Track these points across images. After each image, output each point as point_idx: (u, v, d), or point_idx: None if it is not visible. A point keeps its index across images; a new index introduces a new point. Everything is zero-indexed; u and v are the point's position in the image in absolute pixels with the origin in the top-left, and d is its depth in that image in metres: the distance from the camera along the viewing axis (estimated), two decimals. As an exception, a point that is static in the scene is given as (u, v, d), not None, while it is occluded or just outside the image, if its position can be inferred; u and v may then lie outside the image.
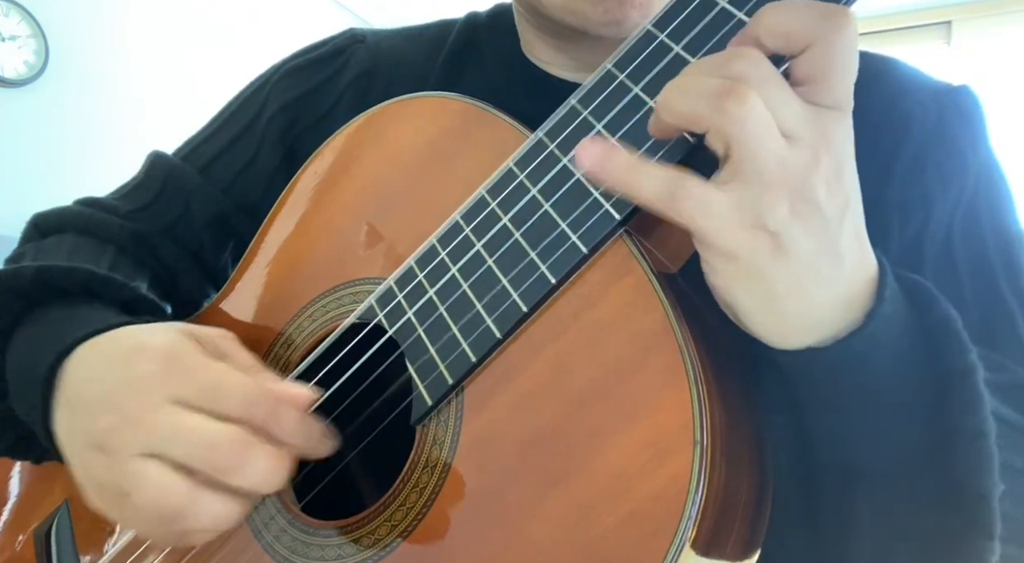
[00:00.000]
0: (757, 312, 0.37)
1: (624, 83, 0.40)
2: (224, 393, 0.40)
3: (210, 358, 0.42)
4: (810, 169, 0.33)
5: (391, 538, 0.41)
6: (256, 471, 0.39)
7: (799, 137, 0.33)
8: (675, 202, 0.34)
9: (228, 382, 0.40)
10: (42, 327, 0.49)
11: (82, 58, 2.51)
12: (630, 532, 0.34)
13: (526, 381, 0.40)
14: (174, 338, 0.43)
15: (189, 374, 0.41)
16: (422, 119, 0.51)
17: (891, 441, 0.39)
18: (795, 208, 0.33)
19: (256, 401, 0.40)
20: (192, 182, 0.64)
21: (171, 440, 0.39)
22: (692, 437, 0.34)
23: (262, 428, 0.40)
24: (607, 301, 0.39)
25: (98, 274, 0.52)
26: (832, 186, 0.34)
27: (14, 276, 0.50)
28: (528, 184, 0.42)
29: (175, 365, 0.41)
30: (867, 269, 0.37)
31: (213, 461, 0.38)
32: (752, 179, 0.33)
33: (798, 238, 0.34)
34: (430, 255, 0.45)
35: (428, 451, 0.42)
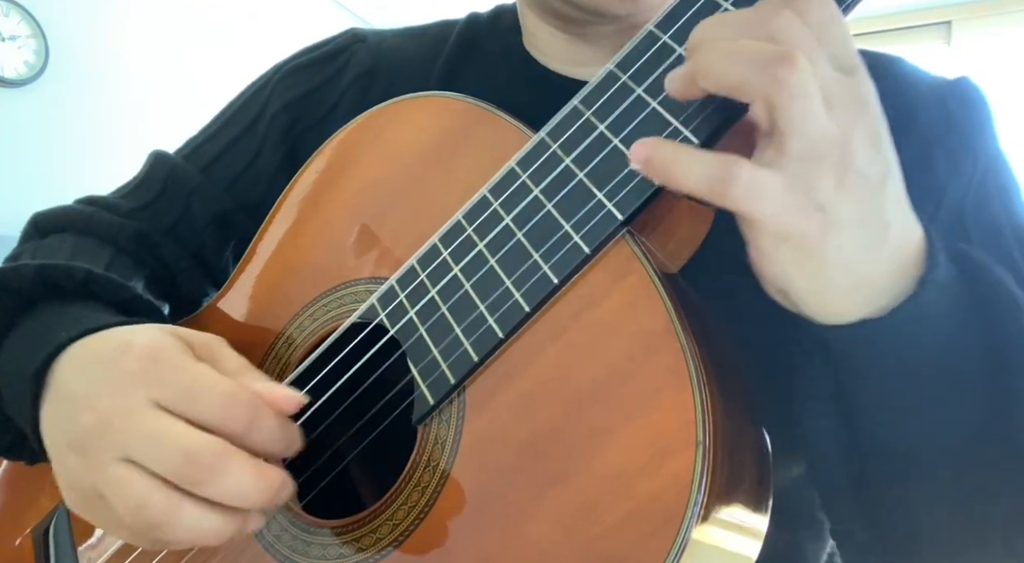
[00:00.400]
0: (811, 291, 0.36)
1: (627, 84, 0.40)
2: (203, 396, 0.39)
3: (193, 360, 0.41)
4: (850, 136, 0.32)
5: (392, 537, 0.41)
6: (234, 482, 0.37)
7: (837, 103, 0.32)
8: (726, 187, 0.33)
9: (207, 385, 0.39)
10: (36, 326, 0.49)
11: (82, 58, 2.51)
12: (631, 532, 0.34)
13: (528, 381, 0.40)
14: (160, 338, 0.42)
15: (169, 375, 0.40)
16: (423, 119, 0.51)
17: (948, 413, 0.38)
18: (841, 179, 0.32)
19: (234, 405, 0.39)
20: (194, 181, 0.64)
21: (148, 447, 0.38)
22: (694, 437, 0.34)
23: (241, 434, 0.39)
24: (609, 301, 0.39)
25: (96, 274, 0.52)
26: (872, 151, 0.33)
27: (14, 274, 0.50)
28: (530, 184, 0.42)
29: (156, 365, 0.40)
30: (914, 235, 0.36)
31: (188, 472, 0.37)
32: (802, 155, 0.32)
33: (845, 210, 0.33)
34: (432, 255, 0.45)
35: (430, 450, 0.42)
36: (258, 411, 0.39)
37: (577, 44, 0.57)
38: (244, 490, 0.37)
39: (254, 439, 0.39)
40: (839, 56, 0.33)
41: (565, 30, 0.57)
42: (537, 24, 0.59)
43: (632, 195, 0.39)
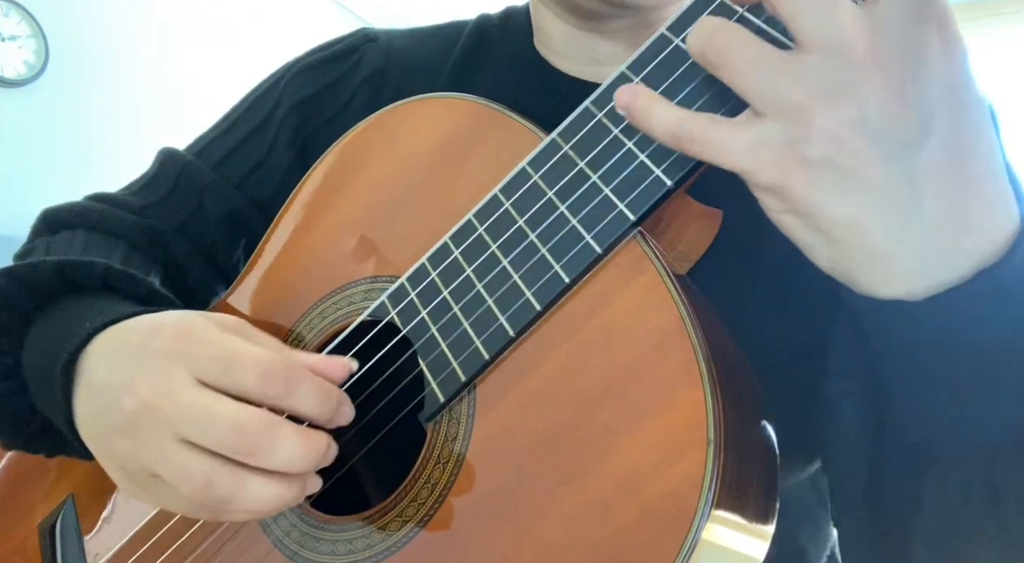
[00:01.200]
0: (813, 246, 0.34)
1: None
2: (237, 365, 0.39)
3: (223, 332, 0.42)
4: (856, 86, 0.30)
5: (402, 533, 0.42)
6: (286, 450, 0.38)
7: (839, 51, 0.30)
8: (687, 135, 0.34)
9: (240, 353, 0.40)
10: (60, 320, 0.49)
11: (82, 58, 2.51)
12: (643, 530, 0.35)
13: (539, 379, 0.40)
14: (188, 317, 0.43)
15: (200, 350, 0.40)
16: (434, 119, 0.51)
17: (979, 421, 0.36)
18: (837, 135, 0.30)
19: (270, 371, 0.39)
20: (206, 178, 0.64)
21: (196, 425, 0.38)
22: (706, 436, 0.34)
23: (281, 398, 0.40)
24: (621, 300, 0.39)
25: (115, 269, 0.52)
26: (893, 109, 0.30)
27: (33, 271, 0.50)
28: (542, 184, 0.43)
29: (187, 341, 0.41)
30: (982, 222, 0.32)
31: (240, 445, 0.38)
32: (772, 110, 0.32)
33: (839, 160, 0.31)
34: (443, 253, 0.45)
35: (440, 447, 0.42)
36: (293, 374, 0.40)
37: (592, 40, 0.57)
38: (295, 455, 0.38)
39: (294, 403, 0.40)
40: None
41: (581, 26, 0.57)
42: (552, 21, 0.59)
43: (643, 196, 0.39)
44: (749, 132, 0.33)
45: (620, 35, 0.56)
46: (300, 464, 0.39)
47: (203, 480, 0.38)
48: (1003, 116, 0.52)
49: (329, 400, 0.41)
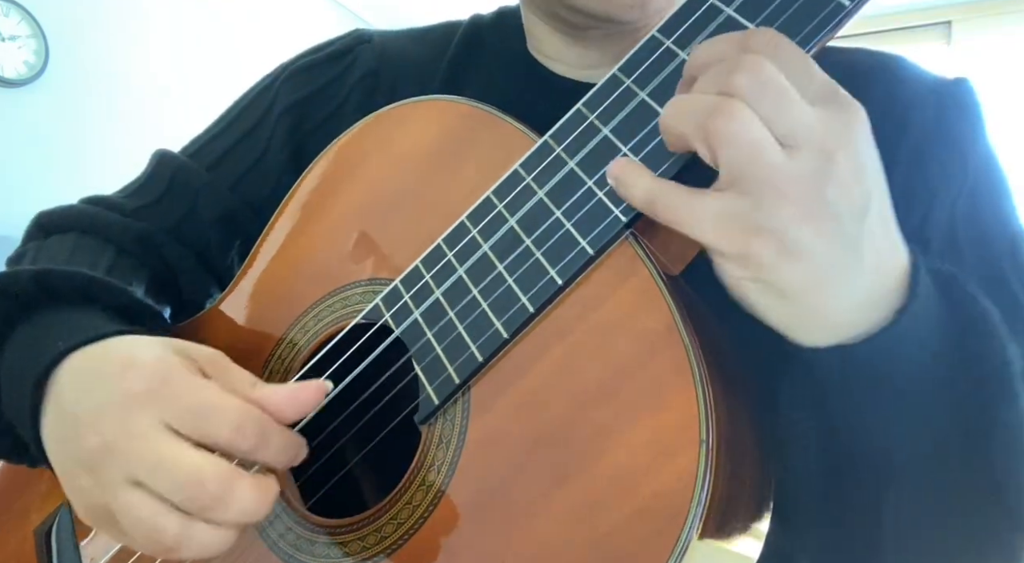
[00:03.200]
0: (774, 312, 0.37)
1: (630, 88, 0.41)
2: (212, 416, 0.39)
3: (201, 378, 0.41)
4: (819, 173, 0.33)
5: (397, 536, 0.42)
6: (240, 505, 0.38)
7: (803, 143, 0.33)
8: (661, 209, 0.37)
9: (217, 405, 0.40)
10: (35, 334, 0.48)
11: (82, 58, 2.51)
12: (636, 529, 0.35)
13: (533, 381, 0.40)
14: (164, 356, 0.42)
15: (177, 396, 0.40)
16: (428, 122, 0.51)
17: (924, 438, 0.39)
18: (804, 211, 0.33)
19: (244, 424, 0.39)
20: (199, 180, 0.64)
21: (154, 472, 0.38)
22: (698, 436, 0.35)
23: (251, 452, 0.40)
24: (613, 302, 0.39)
25: (96, 278, 0.51)
26: (849, 186, 0.33)
27: (12, 279, 0.50)
28: (534, 186, 0.43)
29: (163, 386, 0.40)
30: (896, 265, 0.37)
31: (197, 497, 0.37)
32: (747, 189, 0.34)
33: (808, 241, 0.33)
34: (437, 256, 0.45)
35: (434, 450, 0.42)
36: (267, 429, 0.40)
37: (579, 47, 0.58)
38: (249, 510, 0.38)
39: (263, 456, 0.40)
40: (809, 90, 0.34)
41: (568, 34, 0.57)
42: (540, 28, 0.59)
43: None
44: (716, 203, 0.35)
45: (604, 44, 0.56)
46: (252, 516, 0.39)
47: (149, 525, 0.38)
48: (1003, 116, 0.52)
49: (295, 450, 0.42)
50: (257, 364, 0.52)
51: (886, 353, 0.36)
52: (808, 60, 0.35)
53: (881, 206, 0.36)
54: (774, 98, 0.33)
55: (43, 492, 0.57)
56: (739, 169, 0.33)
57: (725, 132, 0.33)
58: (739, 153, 0.33)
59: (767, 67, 0.34)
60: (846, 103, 0.34)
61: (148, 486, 0.38)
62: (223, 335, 0.55)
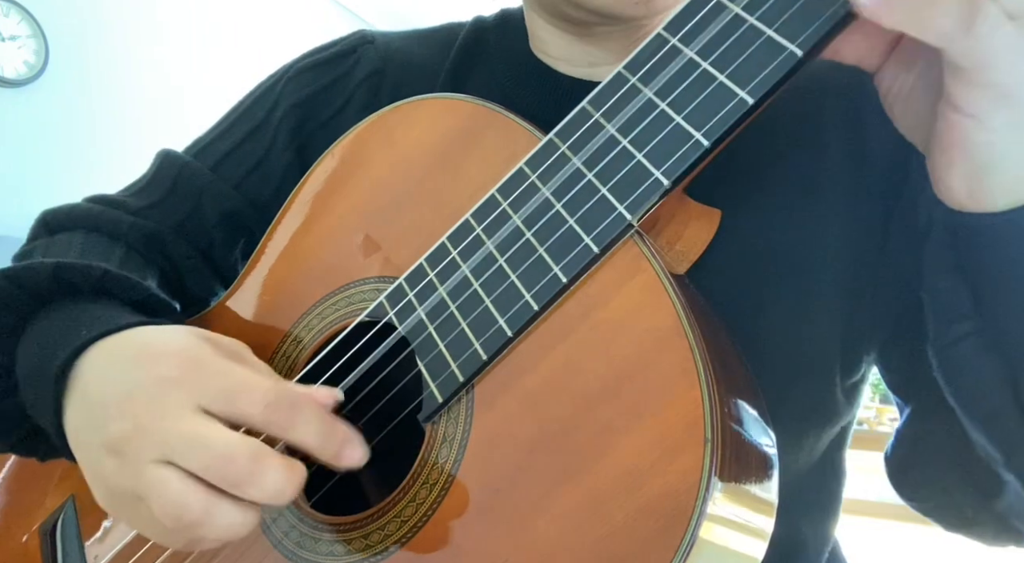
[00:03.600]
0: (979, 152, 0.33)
1: (636, 86, 0.41)
2: (245, 395, 0.39)
3: (232, 362, 0.42)
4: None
5: (400, 534, 0.42)
6: (270, 484, 0.38)
7: None
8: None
9: (248, 384, 0.40)
10: (55, 324, 0.49)
11: (82, 58, 2.51)
12: (641, 529, 0.35)
13: (537, 379, 0.40)
14: (191, 341, 0.43)
15: (210, 377, 0.40)
16: (432, 120, 0.51)
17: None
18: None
19: (277, 402, 0.39)
20: (204, 179, 0.64)
21: (186, 449, 0.38)
22: (703, 435, 0.34)
23: (283, 432, 0.40)
24: (618, 300, 0.39)
25: (112, 272, 0.52)
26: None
27: (30, 272, 0.50)
28: (539, 184, 0.43)
29: (194, 369, 0.41)
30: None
31: (227, 473, 0.37)
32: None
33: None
34: (441, 254, 0.45)
35: (438, 448, 0.42)
36: (297, 405, 0.40)
37: (583, 45, 0.58)
38: (278, 489, 0.38)
39: (297, 435, 0.40)
40: None
41: (572, 31, 0.57)
42: (543, 26, 0.59)
43: (641, 196, 0.39)
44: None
45: (609, 41, 0.56)
46: (282, 497, 0.38)
47: (176, 499, 0.38)
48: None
49: (333, 433, 0.41)
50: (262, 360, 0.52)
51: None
52: None
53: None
54: None
55: (47, 489, 0.57)
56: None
57: None
58: None
59: None
60: None
61: (178, 463, 0.38)
62: (227, 333, 0.55)
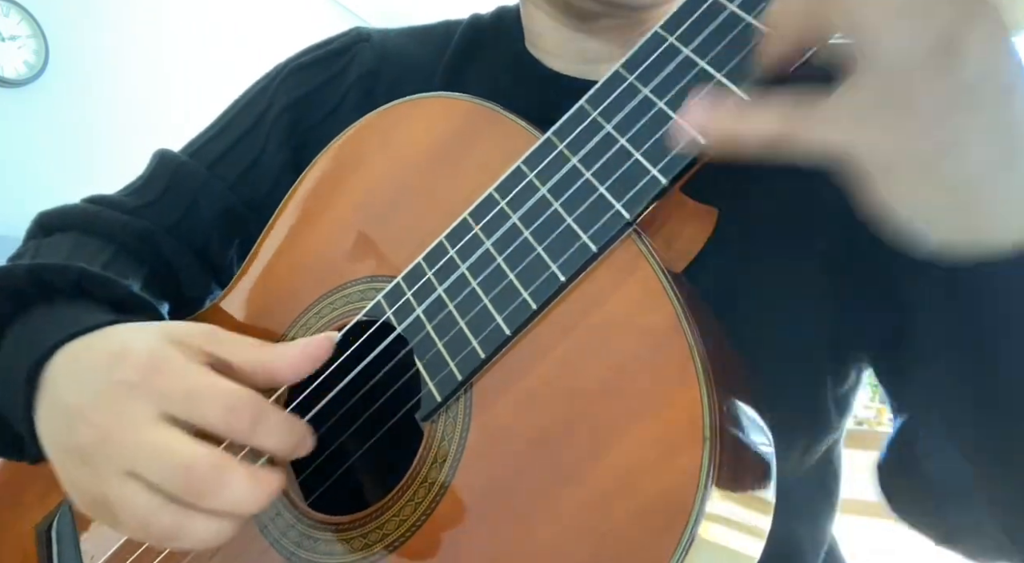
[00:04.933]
0: (934, 219, 0.32)
1: (633, 85, 0.41)
2: (205, 400, 0.39)
3: (194, 364, 0.41)
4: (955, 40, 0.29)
5: (398, 534, 0.42)
6: (233, 494, 0.37)
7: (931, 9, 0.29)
8: (800, 127, 0.32)
9: (208, 388, 0.39)
10: (29, 328, 0.48)
11: (82, 58, 2.51)
12: (641, 527, 0.35)
13: (535, 378, 0.40)
14: (157, 344, 0.42)
15: (170, 382, 0.40)
16: (429, 119, 0.51)
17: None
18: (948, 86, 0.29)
19: (237, 406, 0.39)
20: (199, 178, 0.64)
21: (148, 461, 0.38)
22: (701, 434, 0.34)
23: (247, 434, 0.39)
24: (616, 299, 0.39)
25: (89, 272, 0.51)
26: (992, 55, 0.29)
27: (7, 274, 0.50)
28: (537, 183, 0.43)
29: (156, 374, 0.40)
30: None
31: (188, 485, 0.37)
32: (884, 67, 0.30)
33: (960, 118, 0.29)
34: (438, 253, 0.45)
35: (436, 447, 0.42)
36: (261, 409, 0.40)
37: (583, 40, 0.57)
38: (242, 499, 0.38)
39: (261, 439, 0.40)
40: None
41: (572, 25, 0.57)
42: (543, 20, 0.59)
43: (638, 195, 0.40)
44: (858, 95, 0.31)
45: (611, 34, 0.56)
46: (248, 507, 0.38)
47: (143, 515, 0.38)
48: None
49: (293, 435, 0.41)
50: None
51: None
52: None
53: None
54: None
55: (44, 488, 0.57)
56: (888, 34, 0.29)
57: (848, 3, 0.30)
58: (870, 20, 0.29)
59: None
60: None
61: (142, 476, 0.38)
62: (224, 332, 0.55)
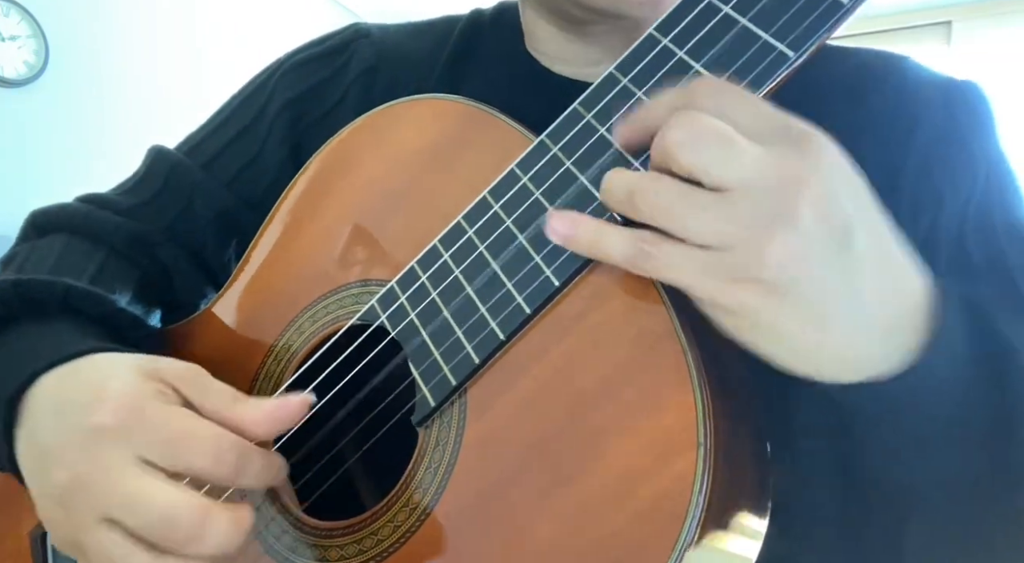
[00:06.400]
0: (779, 354, 0.35)
1: (627, 87, 0.40)
2: (188, 446, 0.38)
3: (175, 406, 0.40)
4: (782, 209, 0.32)
5: (394, 539, 0.41)
6: (214, 541, 0.37)
7: (758, 183, 0.32)
8: (643, 262, 0.35)
9: (192, 433, 0.39)
10: (12, 349, 0.48)
11: (82, 58, 2.51)
12: (635, 532, 0.35)
13: (530, 382, 0.40)
14: (136, 385, 0.41)
15: (150, 428, 0.39)
16: (425, 121, 0.50)
17: (949, 469, 0.38)
18: (777, 250, 0.32)
19: (222, 452, 0.38)
20: (195, 178, 0.63)
21: (127, 509, 0.37)
22: (696, 438, 0.34)
23: (231, 479, 0.39)
24: (611, 303, 0.39)
25: (76, 288, 0.51)
26: (821, 216, 0.32)
27: None
28: (531, 187, 0.42)
29: (134, 418, 0.39)
30: (908, 288, 0.35)
31: (171, 535, 0.37)
32: (714, 243, 0.33)
33: (789, 279, 0.32)
34: (433, 257, 0.45)
35: (431, 452, 0.42)
36: (246, 453, 0.39)
37: (581, 43, 0.57)
38: (224, 542, 0.37)
39: (243, 481, 0.39)
40: (754, 129, 0.33)
41: (566, 29, 0.57)
42: (538, 23, 0.59)
43: None
44: (694, 256, 0.33)
45: (606, 39, 0.55)
46: (228, 549, 0.38)
47: (117, 562, 0.37)
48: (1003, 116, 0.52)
49: (273, 471, 0.41)
50: (252, 366, 0.52)
51: (915, 387, 0.35)
52: (753, 100, 0.34)
53: (872, 230, 0.34)
54: (715, 147, 0.33)
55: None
56: (692, 231, 0.33)
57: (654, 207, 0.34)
58: (685, 225, 0.33)
59: (702, 119, 0.33)
60: (802, 134, 0.33)
61: (121, 523, 0.37)
62: (218, 336, 0.55)
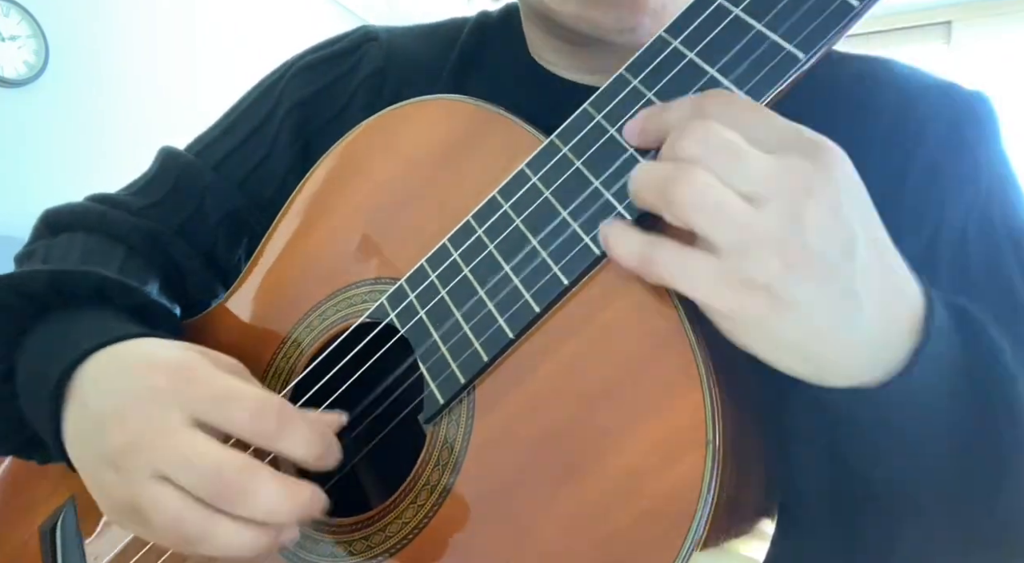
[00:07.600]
0: (780, 361, 0.36)
1: (637, 88, 0.40)
2: (233, 405, 0.39)
3: (222, 372, 0.42)
4: (792, 220, 0.32)
5: (401, 536, 0.42)
6: (262, 500, 0.37)
7: (768, 194, 0.33)
8: (652, 266, 0.36)
9: (237, 391, 0.40)
10: (54, 334, 0.49)
11: (82, 58, 2.50)
12: (643, 530, 0.35)
13: (538, 381, 0.40)
14: (187, 354, 0.43)
15: (200, 390, 0.40)
16: (434, 121, 0.51)
17: (941, 475, 0.38)
18: (785, 261, 0.32)
19: (264, 411, 0.39)
20: (206, 178, 0.64)
21: (179, 466, 0.38)
22: (704, 437, 0.34)
23: (273, 439, 0.39)
24: (619, 302, 0.39)
25: (110, 279, 0.52)
26: (828, 228, 0.33)
27: (28, 280, 0.50)
28: (541, 186, 0.42)
29: (187, 382, 0.41)
30: (906, 300, 0.36)
31: (218, 489, 0.37)
32: (724, 248, 0.33)
33: (797, 288, 0.33)
34: (442, 255, 0.45)
35: (439, 450, 0.42)
36: (288, 414, 0.40)
37: (578, 56, 0.57)
38: (273, 507, 0.38)
39: (286, 445, 0.39)
40: (767, 141, 0.34)
41: (568, 42, 0.57)
42: (539, 35, 0.59)
43: None
44: (703, 264, 0.34)
45: (603, 54, 0.55)
46: (277, 516, 0.38)
47: (174, 517, 0.38)
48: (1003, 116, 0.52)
49: (318, 444, 0.41)
50: (262, 363, 0.52)
51: (903, 395, 0.36)
52: (763, 111, 0.35)
53: (873, 242, 0.35)
54: (727, 157, 0.33)
55: (48, 488, 0.57)
56: (711, 232, 0.33)
57: (686, 200, 0.33)
58: (706, 217, 0.33)
59: (713, 129, 0.34)
60: (812, 144, 0.34)
61: (173, 480, 0.38)
62: (228, 334, 0.55)
